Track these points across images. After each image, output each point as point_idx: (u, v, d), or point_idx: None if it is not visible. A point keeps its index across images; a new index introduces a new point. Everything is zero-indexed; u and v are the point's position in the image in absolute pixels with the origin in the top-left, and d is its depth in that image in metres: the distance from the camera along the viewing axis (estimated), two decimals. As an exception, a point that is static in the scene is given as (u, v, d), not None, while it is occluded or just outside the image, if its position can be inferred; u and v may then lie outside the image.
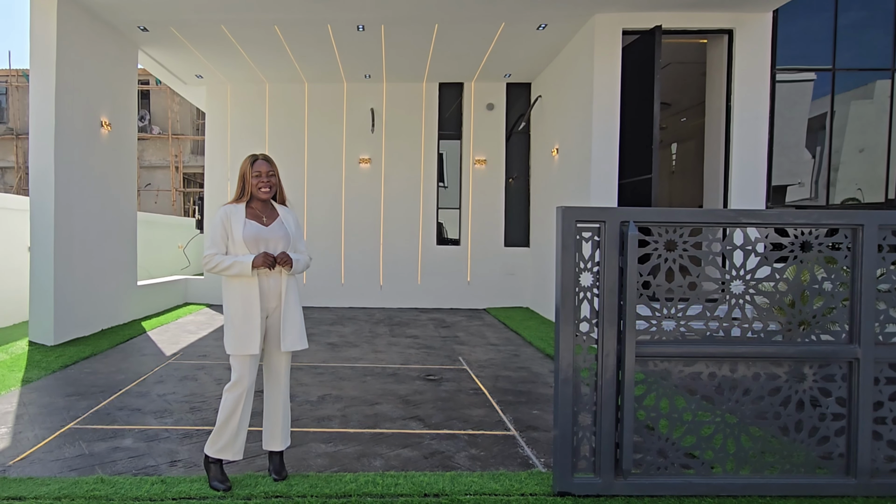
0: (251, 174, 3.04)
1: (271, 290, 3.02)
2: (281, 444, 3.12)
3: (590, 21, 7.24)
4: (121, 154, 7.95)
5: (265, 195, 3.06)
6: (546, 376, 5.53)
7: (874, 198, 7.64)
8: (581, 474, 2.96)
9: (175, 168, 21.50)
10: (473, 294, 10.43)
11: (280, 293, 3.03)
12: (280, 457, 3.13)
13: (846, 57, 7.44)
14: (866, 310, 2.89)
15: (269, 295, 3.01)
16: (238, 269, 2.91)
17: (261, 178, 3.04)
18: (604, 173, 7.17)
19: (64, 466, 3.26)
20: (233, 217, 3.00)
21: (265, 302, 3.01)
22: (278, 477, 3.05)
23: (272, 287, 3.02)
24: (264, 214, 3.08)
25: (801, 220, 2.92)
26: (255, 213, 3.06)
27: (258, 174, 3.04)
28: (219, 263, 2.94)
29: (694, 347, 2.95)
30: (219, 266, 2.94)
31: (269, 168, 3.07)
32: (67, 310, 6.63)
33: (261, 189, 3.04)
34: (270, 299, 3.02)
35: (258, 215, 3.06)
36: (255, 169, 3.05)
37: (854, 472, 2.91)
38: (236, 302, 2.97)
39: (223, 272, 2.95)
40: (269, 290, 3.01)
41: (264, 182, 3.04)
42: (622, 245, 2.89)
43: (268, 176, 3.05)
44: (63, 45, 6.50)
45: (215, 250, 2.98)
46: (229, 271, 2.93)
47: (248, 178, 3.05)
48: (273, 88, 10.44)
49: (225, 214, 3.02)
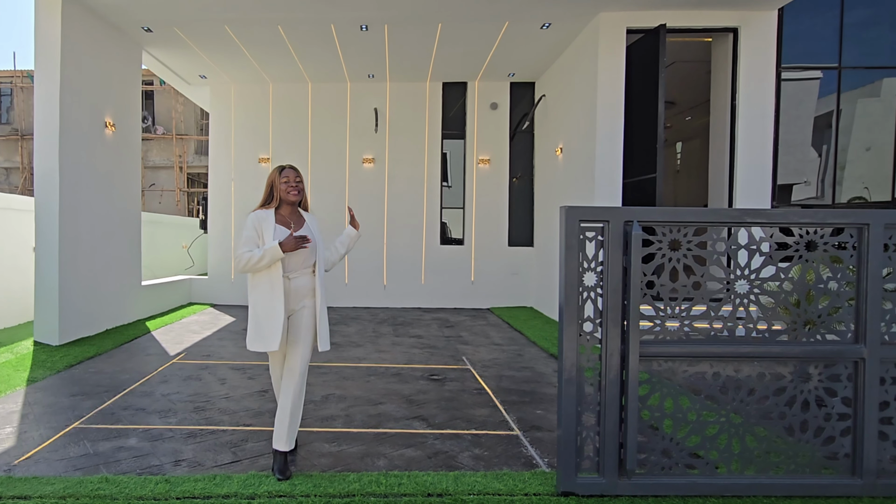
0: (280, 180, 3.26)
1: (298, 290, 3.21)
2: (285, 444, 3.14)
3: (594, 20, 7.22)
4: (125, 154, 7.97)
5: (294, 198, 3.26)
6: (550, 376, 5.52)
7: (881, 196, 7.60)
8: (585, 474, 2.96)
9: (179, 168, 21.56)
10: (477, 294, 10.42)
11: (312, 290, 3.25)
12: (284, 457, 3.14)
13: (852, 55, 7.40)
14: (872, 309, 2.87)
15: (295, 295, 3.20)
16: (270, 256, 3.05)
17: (289, 184, 3.26)
18: (608, 172, 7.15)
19: (69, 466, 3.27)
20: (264, 222, 3.19)
21: (290, 302, 3.18)
22: (281, 476, 3.07)
23: (300, 287, 3.21)
24: (292, 220, 3.28)
25: (806, 220, 2.91)
26: (284, 219, 3.26)
27: (287, 179, 3.26)
28: (251, 258, 3.07)
29: (698, 347, 2.94)
30: (251, 261, 3.07)
31: (297, 175, 3.31)
32: (72, 310, 6.65)
33: (290, 192, 3.25)
34: (295, 299, 3.21)
35: (286, 221, 3.26)
36: (283, 175, 3.27)
37: (860, 473, 2.90)
38: (262, 300, 3.13)
39: (256, 265, 3.08)
40: (297, 290, 3.20)
41: (293, 186, 3.26)
42: (626, 245, 2.88)
43: (295, 182, 3.28)
44: (67, 45, 6.52)
45: (247, 249, 3.12)
46: (262, 262, 3.06)
47: (276, 185, 3.27)
48: (277, 88, 10.45)
49: (256, 219, 3.20)
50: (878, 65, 7.50)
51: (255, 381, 5.14)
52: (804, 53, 7.39)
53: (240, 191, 10.45)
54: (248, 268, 3.09)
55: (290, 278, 3.17)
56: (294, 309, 3.21)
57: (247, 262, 3.08)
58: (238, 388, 4.92)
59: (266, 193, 3.29)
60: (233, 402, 4.51)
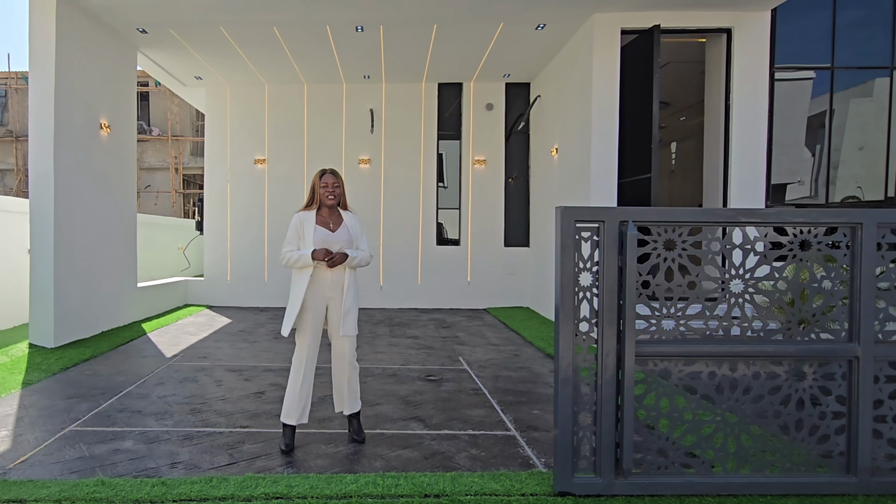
0: (319, 185, 3.64)
1: (333, 282, 3.61)
2: (348, 408, 3.73)
3: (588, 21, 7.24)
4: (120, 156, 7.95)
5: (330, 202, 3.64)
6: (546, 376, 5.53)
7: (874, 196, 7.64)
8: (582, 474, 2.96)
9: (175, 169, 21.50)
10: (474, 294, 10.43)
11: (342, 285, 3.64)
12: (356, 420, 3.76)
13: (845, 55, 7.44)
14: (866, 308, 2.88)
15: (328, 286, 3.61)
16: (303, 261, 3.52)
17: (327, 188, 3.62)
18: (603, 173, 7.17)
19: (64, 469, 3.26)
20: (305, 223, 3.61)
21: (323, 291, 3.61)
22: (359, 437, 3.69)
23: (335, 280, 3.62)
24: (331, 221, 3.67)
25: (799, 219, 2.92)
26: (324, 219, 3.66)
27: (325, 185, 3.63)
28: (290, 258, 3.55)
29: (693, 347, 2.95)
30: (290, 260, 3.56)
31: (335, 180, 3.66)
32: (67, 312, 6.63)
33: (327, 197, 3.62)
34: (329, 289, 3.62)
35: (326, 222, 3.65)
36: (322, 181, 3.64)
37: (854, 471, 2.91)
38: (296, 290, 3.56)
39: (293, 265, 3.56)
40: (330, 282, 3.61)
41: (329, 191, 3.62)
42: (621, 245, 2.89)
43: (333, 187, 3.64)
44: (62, 47, 6.50)
45: (289, 248, 3.58)
46: (297, 263, 3.54)
47: (317, 189, 3.65)
48: (272, 89, 10.44)
49: (299, 220, 3.63)
50: (870, 65, 7.55)
51: (252, 383, 5.14)
52: (797, 54, 7.42)
53: (236, 192, 10.44)
54: (288, 265, 3.57)
55: (329, 271, 3.58)
56: (330, 297, 3.63)
57: (287, 261, 3.56)
58: (234, 390, 4.91)
59: (309, 196, 3.69)
60: (229, 404, 4.51)
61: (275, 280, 10.41)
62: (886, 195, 7.61)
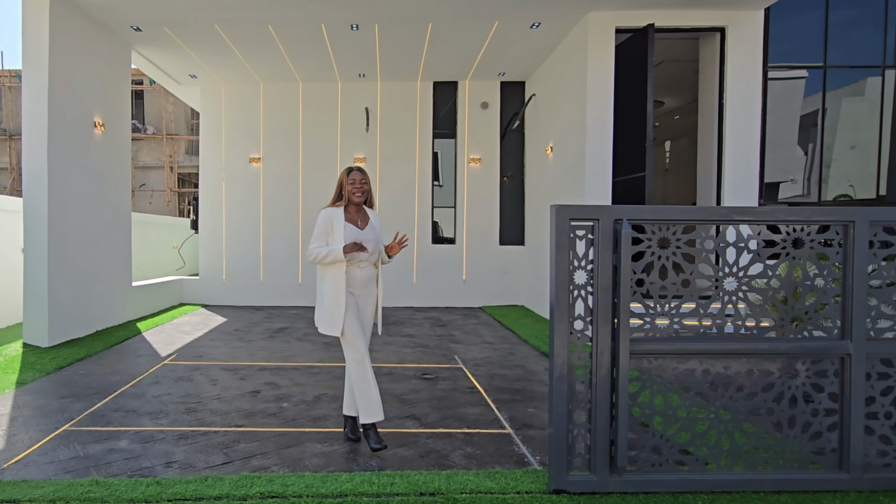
0: (347, 182, 3.60)
1: (363, 279, 3.60)
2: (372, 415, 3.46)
3: (583, 19, 7.25)
4: (115, 154, 7.92)
5: (358, 199, 3.60)
6: (541, 374, 5.54)
7: (866, 194, 7.69)
8: (576, 472, 2.97)
9: (170, 168, 21.43)
10: (469, 292, 10.44)
11: (373, 283, 3.67)
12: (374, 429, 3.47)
13: (837, 54, 7.49)
14: (858, 306, 2.90)
15: (357, 283, 3.58)
16: (333, 256, 3.45)
17: (355, 185, 3.59)
18: (598, 171, 7.18)
19: (59, 469, 3.25)
20: (334, 220, 3.56)
21: (352, 287, 3.57)
22: (379, 446, 3.41)
23: (366, 277, 3.61)
24: (359, 218, 3.64)
25: (792, 217, 2.94)
26: (352, 216, 3.62)
27: (353, 182, 3.59)
28: (318, 254, 3.49)
29: (687, 344, 2.97)
30: (318, 256, 3.49)
31: (363, 177, 3.62)
32: (62, 311, 6.61)
33: (354, 194, 3.59)
34: (361, 285, 3.60)
35: (354, 219, 3.62)
36: (350, 178, 3.60)
37: (847, 467, 2.93)
38: (329, 289, 3.52)
39: (322, 261, 3.50)
40: (364, 279, 3.60)
41: (357, 188, 3.59)
42: (616, 243, 2.90)
43: (361, 183, 3.60)
44: (56, 45, 6.47)
45: (317, 244, 3.54)
46: (327, 259, 3.47)
47: (345, 186, 3.61)
48: (267, 88, 10.42)
49: (327, 216, 3.57)
50: (862, 64, 7.59)
51: (247, 382, 5.13)
52: (790, 53, 7.46)
53: (231, 191, 10.42)
54: (317, 261, 3.52)
55: (361, 268, 3.57)
56: (360, 294, 3.61)
57: (315, 257, 3.50)
58: (230, 389, 4.90)
59: (336, 193, 3.64)
60: (224, 403, 4.50)
61: (270, 279, 10.40)
62: (878, 193, 7.65)
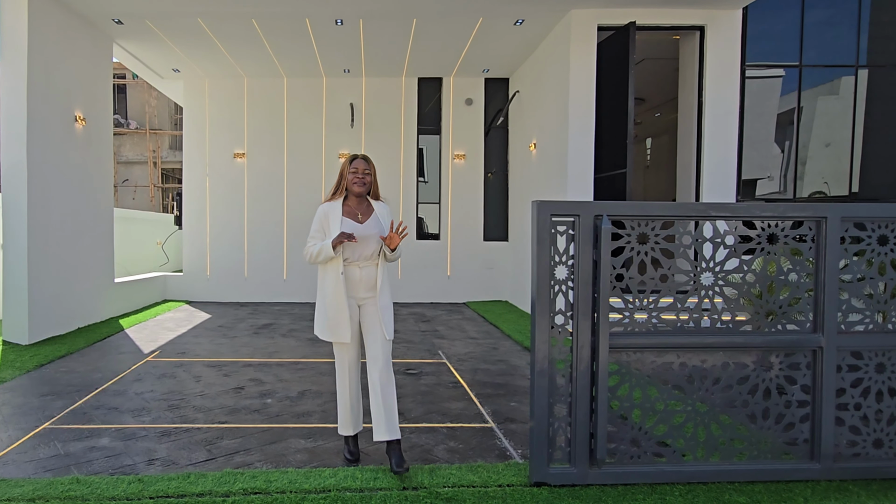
0: (349, 171, 3.27)
1: (363, 281, 3.24)
2: (387, 431, 3.11)
3: (566, 17, 7.29)
4: (96, 149, 7.82)
5: (359, 190, 3.25)
6: (524, 369, 5.59)
7: (839, 191, 7.85)
8: (557, 464, 3.02)
9: (153, 163, 21.19)
10: (453, 288, 10.47)
11: (374, 284, 3.25)
12: (396, 447, 3.12)
13: (813, 54, 7.64)
14: (830, 300, 2.98)
15: (359, 285, 3.24)
16: (324, 253, 3.14)
17: (356, 174, 3.25)
18: (580, 168, 7.24)
19: (38, 467, 3.23)
20: (330, 215, 3.24)
21: (355, 291, 3.24)
22: (400, 468, 3.02)
23: (367, 277, 3.24)
24: (359, 212, 3.28)
25: (767, 213, 3.00)
26: (351, 210, 3.27)
27: (355, 170, 3.26)
28: (312, 252, 3.20)
29: (665, 338, 3.02)
30: (312, 254, 3.21)
31: (366, 166, 3.28)
32: (42, 308, 6.53)
33: (355, 184, 3.25)
34: (364, 288, 3.25)
35: (354, 212, 3.27)
36: (352, 166, 3.27)
37: (818, 457, 3.01)
38: (329, 292, 3.21)
39: (316, 259, 3.20)
40: (364, 280, 3.24)
41: (359, 178, 3.25)
42: (596, 238, 2.94)
43: (363, 173, 3.26)
44: (35, 38, 6.37)
45: (312, 242, 3.25)
46: (320, 257, 3.17)
47: (345, 175, 3.28)
48: (252, 83, 10.34)
49: (323, 213, 3.26)
50: (836, 63, 7.74)
51: (231, 378, 5.12)
52: (767, 52, 7.59)
53: (215, 186, 10.34)
54: (312, 261, 3.22)
55: (360, 267, 3.22)
56: (364, 298, 3.26)
57: (310, 257, 3.22)
58: (213, 386, 4.89)
59: (336, 183, 3.33)
60: (208, 400, 4.49)
61: (255, 275, 10.35)
62: (850, 190, 7.81)
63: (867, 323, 3.05)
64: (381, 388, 3.17)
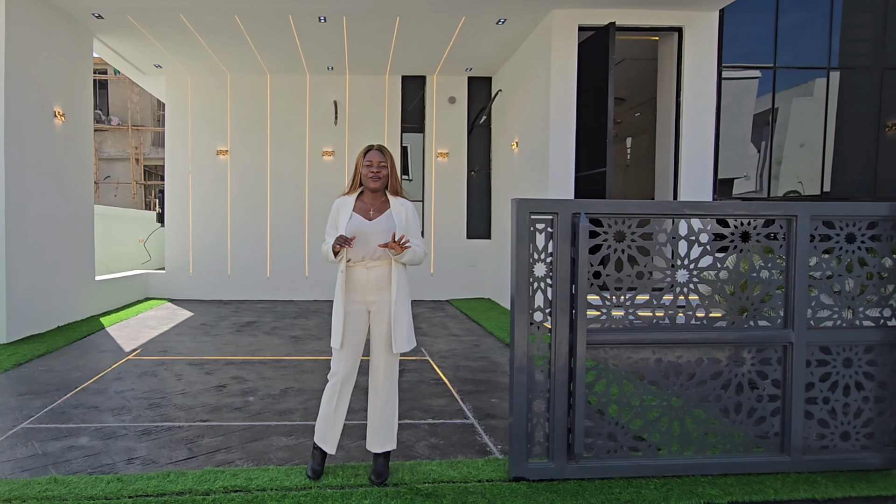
0: (363, 164, 3.03)
1: (370, 282, 3.01)
2: (379, 445, 3.06)
3: (547, 16, 7.34)
4: (76, 145, 7.73)
5: (374, 185, 3.01)
6: (505, 365, 5.64)
7: (813, 190, 8.01)
8: (535, 459, 3.06)
9: (135, 160, 20.94)
10: (436, 286, 10.51)
11: (386, 287, 3.03)
12: (381, 459, 3.06)
13: (787, 56, 7.80)
14: (800, 296, 3.06)
15: (366, 287, 3.02)
16: (327, 254, 2.99)
17: (371, 168, 3.00)
18: (561, 166, 7.31)
19: (15, 467, 3.20)
20: (342, 210, 3.03)
21: (363, 294, 3.02)
22: (376, 479, 2.97)
23: (373, 279, 3.01)
24: (373, 207, 3.05)
25: (740, 212, 3.07)
26: (364, 205, 3.05)
27: (369, 164, 3.01)
28: (323, 251, 3.04)
29: (641, 334, 3.08)
30: (322, 253, 3.04)
31: (381, 158, 3.02)
32: (20, 306, 6.45)
33: (369, 178, 3.00)
34: (369, 292, 3.02)
35: (366, 208, 3.04)
36: (367, 159, 3.02)
37: (788, 450, 3.09)
38: (336, 293, 3.04)
39: (326, 258, 3.02)
40: (368, 282, 3.01)
41: (374, 173, 3.00)
42: (574, 236, 2.99)
43: (378, 166, 3.00)
44: (13, 32, 6.28)
45: (326, 240, 3.03)
46: (327, 258, 3.01)
47: (359, 168, 3.05)
48: (235, 79, 10.27)
49: (336, 208, 3.07)
50: (810, 65, 7.90)
51: (213, 377, 5.11)
52: (744, 54, 7.74)
53: (197, 183, 10.26)
54: (327, 261, 3.03)
55: (367, 268, 3.00)
56: (374, 301, 3.03)
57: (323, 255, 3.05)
58: (195, 384, 4.88)
59: (351, 177, 3.12)
60: (189, 398, 4.48)
61: (238, 273, 10.30)
62: (822, 190, 7.97)
63: (835, 319, 3.14)
64: (379, 403, 3.13)
